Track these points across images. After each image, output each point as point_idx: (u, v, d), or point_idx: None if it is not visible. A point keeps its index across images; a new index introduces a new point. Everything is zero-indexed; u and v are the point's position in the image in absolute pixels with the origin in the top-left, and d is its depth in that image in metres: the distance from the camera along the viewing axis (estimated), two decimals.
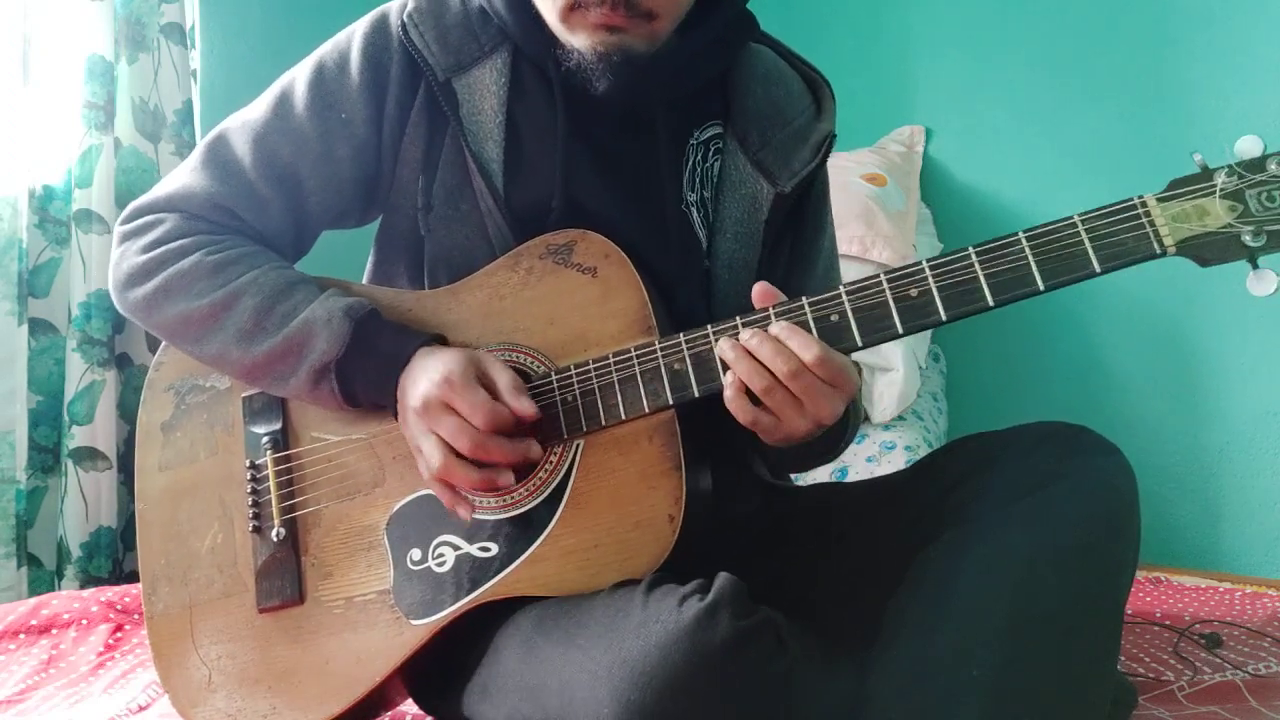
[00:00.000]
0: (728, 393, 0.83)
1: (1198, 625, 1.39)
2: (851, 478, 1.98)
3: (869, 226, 2.16)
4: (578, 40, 0.91)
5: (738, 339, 0.83)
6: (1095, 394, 2.10)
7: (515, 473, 0.88)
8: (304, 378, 0.91)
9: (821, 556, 0.97)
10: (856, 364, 0.95)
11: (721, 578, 0.76)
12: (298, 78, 1.00)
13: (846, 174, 2.22)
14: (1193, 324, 1.94)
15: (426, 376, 0.86)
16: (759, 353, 0.82)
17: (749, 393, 0.82)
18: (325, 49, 1.02)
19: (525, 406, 0.85)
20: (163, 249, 0.96)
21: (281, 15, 2.36)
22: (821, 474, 1.99)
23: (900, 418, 2.13)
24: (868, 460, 2.02)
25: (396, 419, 0.90)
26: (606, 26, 0.89)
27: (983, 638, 0.77)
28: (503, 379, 0.87)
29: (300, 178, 0.99)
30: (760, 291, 0.86)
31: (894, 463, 1.99)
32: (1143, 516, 0.85)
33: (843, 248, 2.12)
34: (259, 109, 1.01)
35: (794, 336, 0.81)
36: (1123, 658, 1.30)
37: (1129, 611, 1.47)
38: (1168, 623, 1.42)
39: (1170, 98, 1.97)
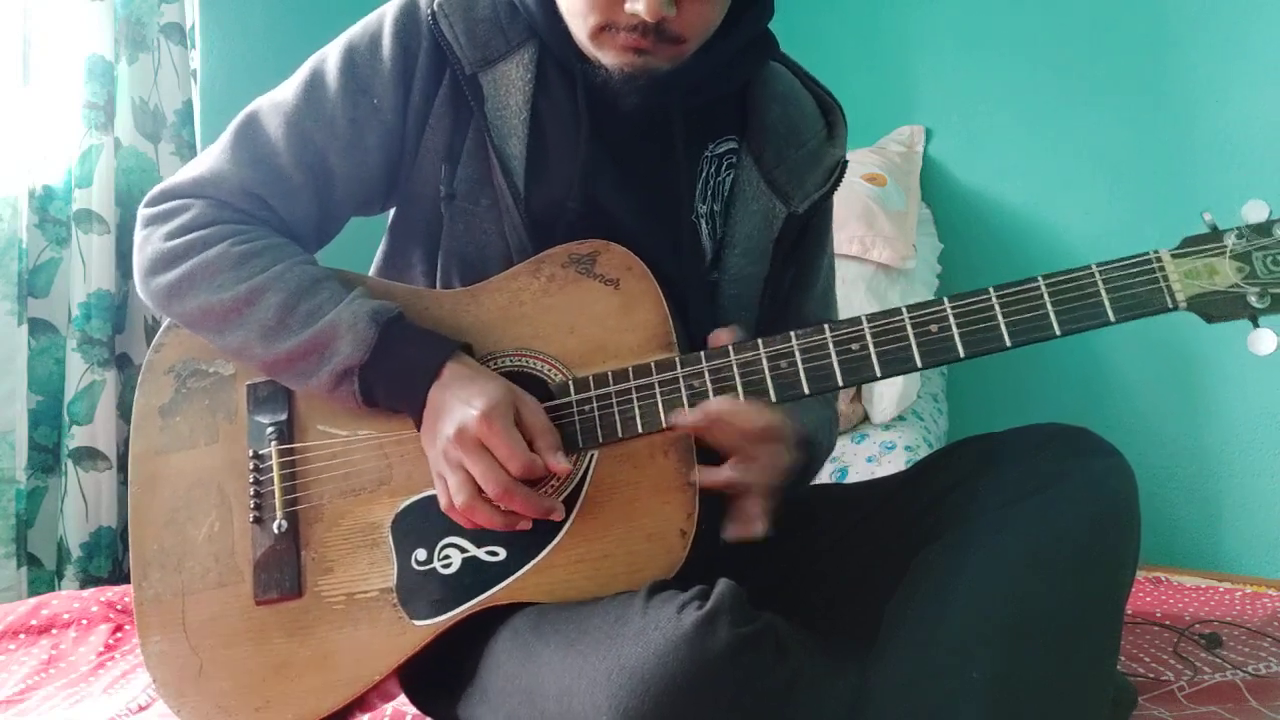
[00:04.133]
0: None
1: (1198, 625, 1.39)
2: (851, 478, 1.98)
3: (869, 226, 2.16)
4: (605, 58, 0.91)
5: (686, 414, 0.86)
6: (1095, 395, 2.10)
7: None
8: (325, 379, 0.90)
9: (821, 557, 0.97)
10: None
11: (721, 584, 0.76)
12: (329, 60, 0.99)
13: (847, 174, 2.21)
14: (1193, 325, 1.94)
15: (465, 404, 0.83)
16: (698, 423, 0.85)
17: None
18: (355, 31, 1.01)
19: (561, 465, 0.84)
20: (188, 237, 0.94)
21: (282, 15, 2.36)
22: (821, 475, 1.98)
23: (900, 418, 2.13)
24: (868, 460, 2.02)
25: (418, 426, 0.89)
26: (634, 49, 0.90)
27: (983, 638, 0.77)
28: (540, 427, 0.85)
29: (330, 165, 0.98)
30: (717, 339, 0.89)
31: (894, 463, 1.99)
32: (1143, 516, 0.85)
33: (842, 248, 2.13)
34: (289, 91, 0.99)
35: (740, 413, 0.85)
36: (1123, 658, 1.30)
37: (1129, 611, 1.47)
38: (1168, 623, 1.42)
39: (1170, 98, 1.98)
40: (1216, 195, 1.74)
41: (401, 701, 1.04)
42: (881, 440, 2.05)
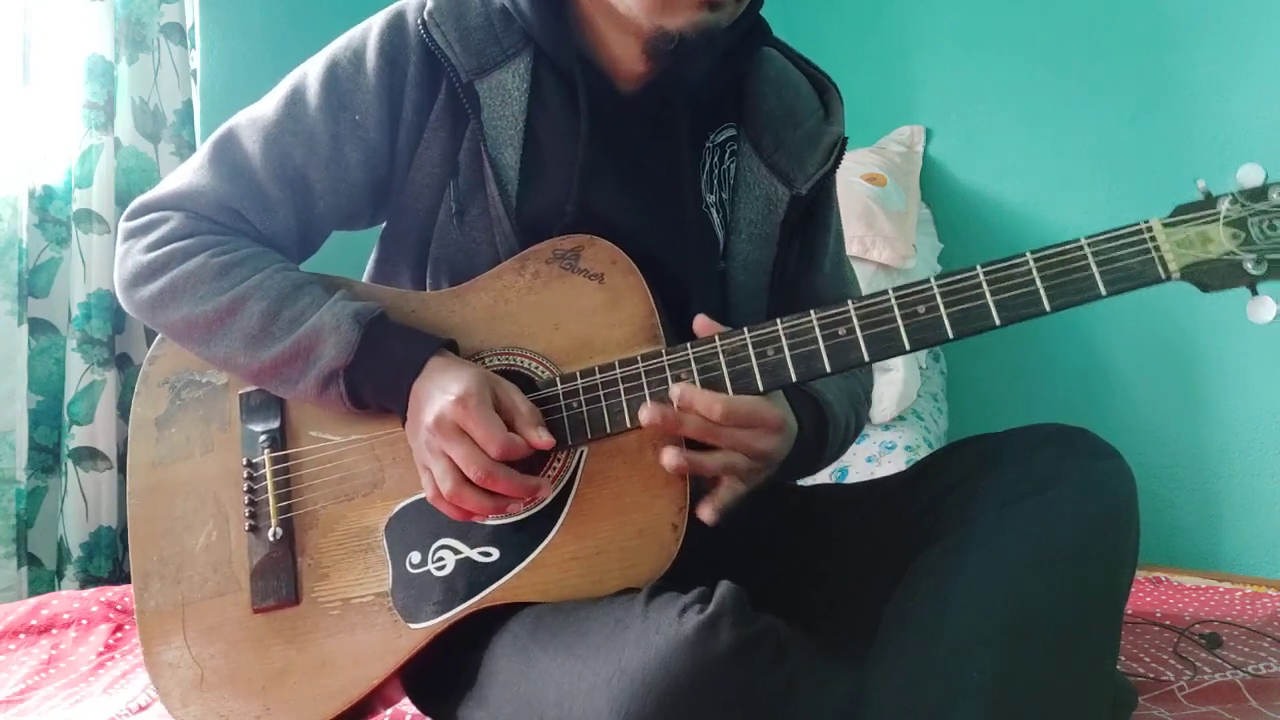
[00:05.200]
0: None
1: (1198, 625, 1.39)
2: (852, 478, 1.98)
3: (869, 226, 2.16)
4: (675, 22, 0.90)
5: (659, 401, 0.84)
6: (1095, 395, 2.10)
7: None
8: (312, 383, 0.90)
9: (821, 558, 0.97)
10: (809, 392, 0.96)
11: (722, 587, 0.76)
12: (310, 75, 0.99)
13: (847, 174, 2.21)
14: (1193, 325, 1.94)
15: (442, 392, 0.84)
16: (666, 418, 0.83)
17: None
18: (338, 46, 1.00)
19: (544, 439, 0.84)
20: (167, 249, 0.95)
21: (282, 15, 2.36)
22: (821, 475, 1.99)
23: (900, 418, 2.13)
24: (868, 460, 2.02)
25: (403, 424, 0.89)
26: (710, 4, 0.89)
27: (983, 639, 0.77)
28: (522, 407, 0.86)
29: (309, 180, 0.98)
30: (701, 324, 0.87)
31: (894, 463, 1.99)
32: (1143, 517, 0.85)
33: None
34: (269, 106, 0.99)
35: (697, 399, 0.82)
36: (1123, 658, 1.30)
37: (1129, 611, 1.47)
38: (1168, 623, 1.42)
39: (1171, 98, 1.97)
40: (1218, 193, 1.74)
41: (402, 701, 1.04)
42: (881, 440, 2.05)
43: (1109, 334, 2.09)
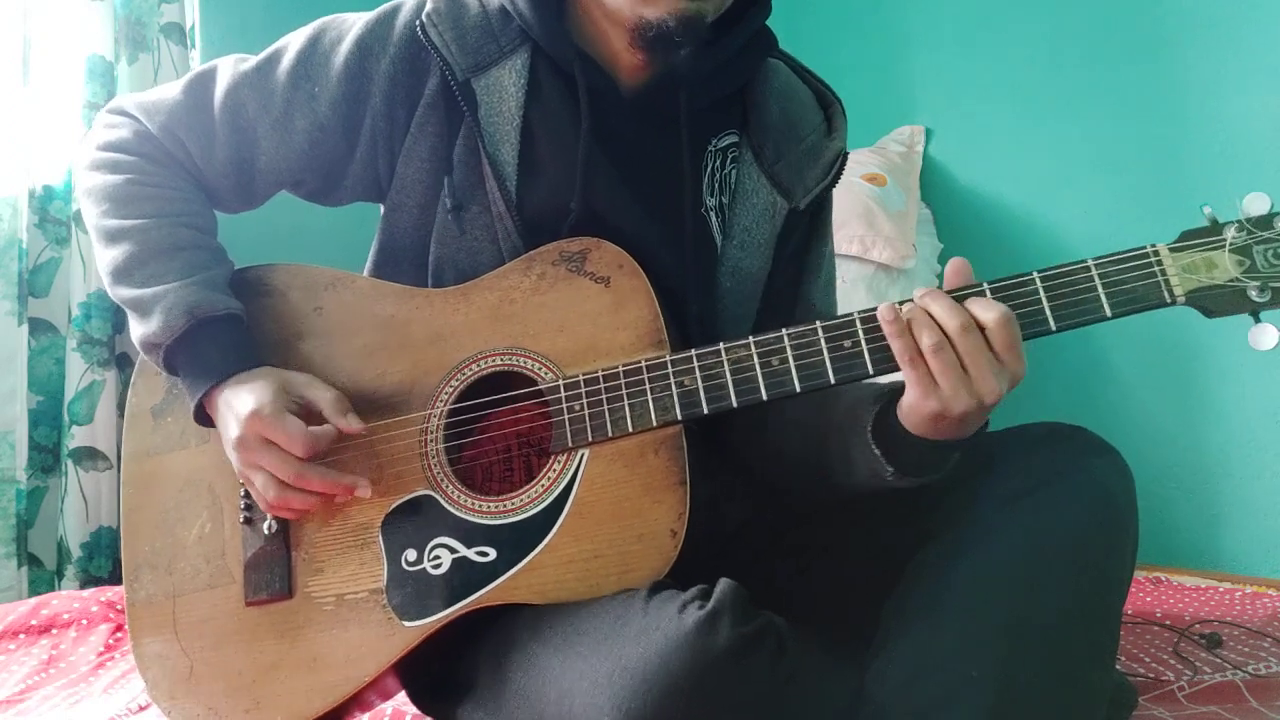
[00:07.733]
0: (895, 347, 0.78)
1: (1198, 625, 1.39)
2: None
3: (869, 226, 2.16)
4: (655, 12, 0.90)
5: (899, 304, 0.79)
6: (1095, 394, 2.10)
7: (517, 478, 0.88)
8: (139, 336, 0.95)
9: (820, 558, 0.97)
10: None
11: (722, 584, 0.76)
12: (292, 43, 1.03)
13: (847, 174, 2.20)
14: (1193, 324, 1.94)
15: (234, 413, 0.88)
16: (930, 308, 0.79)
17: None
18: (331, 20, 1.03)
19: (352, 424, 0.89)
20: (107, 154, 1.01)
21: (281, 15, 2.34)
22: None
23: None
24: None
25: (196, 419, 0.94)
26: None
27: (981, 638, 0.77)
28: (325, 396, 0.90)
29: (257, 135, 1.01)
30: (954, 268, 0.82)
31: None
32: (1143, 516, 0.85)
33: (842, 247, 2.13)
34: (253, 59, 1.03)
35: (974, 301, 0.79)
36: (1123, 658, 1.30)
37: (1129, 611, 1.47)
38: (1168, 623, 1.42)
39: (1170, 98, 1.97)
40: (1217, 194, 1.74)
41: (402, 701, 1.04)
42: None
43: (1108, 334, 2.08)
